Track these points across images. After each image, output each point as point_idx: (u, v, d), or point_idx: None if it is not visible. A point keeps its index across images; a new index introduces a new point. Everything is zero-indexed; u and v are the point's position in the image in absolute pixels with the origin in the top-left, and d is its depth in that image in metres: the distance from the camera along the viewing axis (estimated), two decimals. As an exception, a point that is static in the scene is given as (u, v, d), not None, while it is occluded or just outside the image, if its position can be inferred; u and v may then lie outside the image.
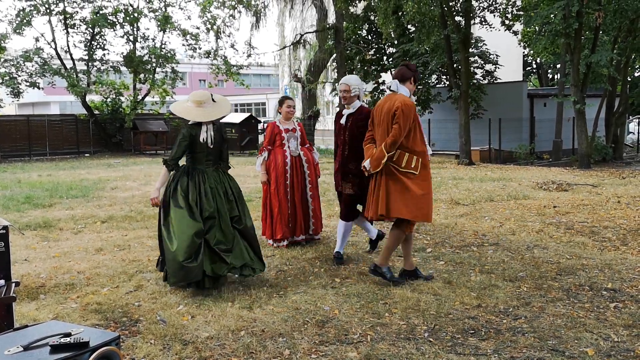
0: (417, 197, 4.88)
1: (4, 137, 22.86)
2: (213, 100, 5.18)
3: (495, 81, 22.08)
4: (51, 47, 24.00)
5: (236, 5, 24.23)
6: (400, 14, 19.77)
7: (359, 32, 24.53)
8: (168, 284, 5.01)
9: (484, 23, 19.81)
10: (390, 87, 5.09)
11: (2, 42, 22.13)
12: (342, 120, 5.79)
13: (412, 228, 5.12)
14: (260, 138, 24.56)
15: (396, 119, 4.86)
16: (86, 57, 24.35)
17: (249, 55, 25.08)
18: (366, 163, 5.03)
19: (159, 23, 24.66)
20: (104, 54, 24.77)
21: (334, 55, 23.55)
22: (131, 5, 24.48)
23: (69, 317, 4.36)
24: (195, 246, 4.80)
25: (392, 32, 20.54)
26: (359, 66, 24.48)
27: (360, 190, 5.65)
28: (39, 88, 24.21)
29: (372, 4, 21.53)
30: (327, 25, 23.34)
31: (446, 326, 4.09)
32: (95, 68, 24.58)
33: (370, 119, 5.25)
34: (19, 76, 23.21)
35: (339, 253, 5.93)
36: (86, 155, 24.11)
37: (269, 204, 6.59)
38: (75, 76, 23.37)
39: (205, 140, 5.06)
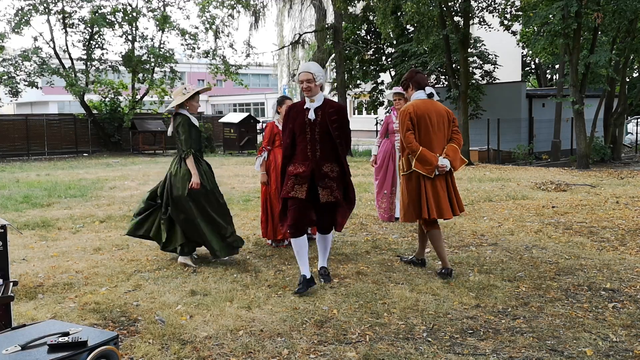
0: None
1: (2, 137, 22.85)
2: (183, 94, 5.88)
3: (494, 81, 22.08)
4: (50, 46, 23.99)
5: (235, 5, 24.24)
6: (399, 14, 19.77)
7: (357, 32, 24.54)
8: None
9: (482, 23, 19.80)
10: (431, 94, 5.34)
11: (1, 41, 22.10)
12: (310, 115, 4.95)
13: None
14: (259, 138, 24.55)
15: (455, 124, 5.43)
16: (85, 57, 24.33)
17: (247, 55, 25.09)
18: (446, 162, 5.21)
19: (157, 23, 24.65)
20: (102, 54, 24.76)
21: (333, 55, 23.56)
22: (130, 5, 24.47)
23: (67, 316, 4.35)
24: (140, 209, 6.05)
25: (391, 32, 20.55)
26: (357, 66, 24.48)
27: (341, 196, 5.04)
28: (37, 87, 24.18)
29: (371, 4, 21.53)
30: (326, 25, 23.34)
31: (445, 326, 4.09)
32: (93, 67, 24.55)
33: (411, 121, 5.17)
34: (18, 75, 23.19)
35: (324, 268, 5.24)
36: (85, 154, 24.09)
37: (269, 205, 6.54)
38: (73, 76, 23.35)
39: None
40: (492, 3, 19.52)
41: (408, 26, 21.39)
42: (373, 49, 24.88)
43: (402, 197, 5.47)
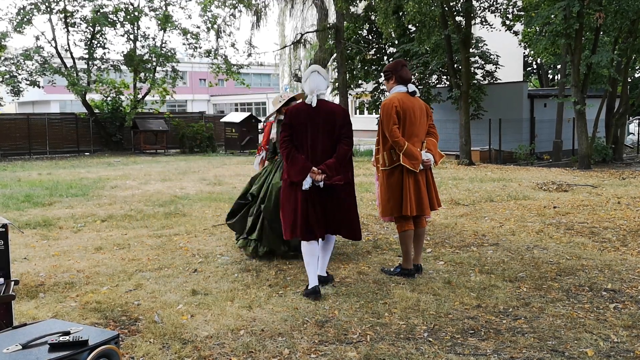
0: None
1: (4, 136, 22.87)
2: (279, 101, 6.14)
3: (495, 81, 22.05)
4: (51, 45, 24.01)
5: (237, 5, 24.23)
6: (400, 13, 19.74)
7: (359, 31, 24.51)
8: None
9: (484, 23, 19.77)
10: (414, 92, 5.29)
11: (3, 40, 22.12)
12: None
13: None
14: (260, 137, 24.54)
15: (432, 119, 5.42)
16: (86, 56, 24.34)
17: (249, 55, 25.08)
18: (430, 157, 5.22)
19: (159, 22, 24.64)
20: (104, 53, 24.76)
21: (335, 55, 23.54)
22: (132, 4, 24.48)
23: (68, 315, 4.35)
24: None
25: (392, 32, 20.50)
26: (359, 66, 24.47)
27: None
28: (39, 87, 24.19)
29: (373, 3, 21.51)
30: (328, 25, 23.33)
31: (446, 326, 4.08)
32: (95, 67, 24.56)
33: (397, 114, 5.10)
34: (19, 75, 23.21)
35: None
36: (86, 154, 24.10)
37: None
38: (75, 75, 23.36)
39: None
40: (494, 3, 19.49)
41: (410, 26, 21.36)
42: (374, 49, 24.85)
43: (380, 192, 5.31)
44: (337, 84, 23.30)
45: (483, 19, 19.76)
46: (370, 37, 24.76)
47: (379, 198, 5.38)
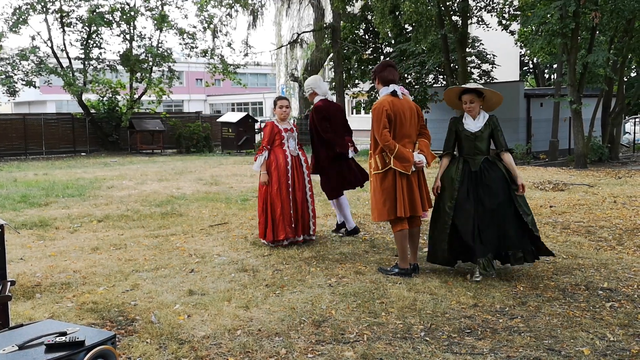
0: None
1: (0, 136, 22.81)
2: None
3: (492, 81, 22.08)
4: (47, 45, 23.94)
5: (233, 4, 24.21)
6: (397, 13, 19.76)
7: (356, 31, 24.52)
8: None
9: (481, 23, 19.81)
10: (394, 92, 5.26)
11: (-1, 40, 22.07)
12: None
13: None
14: (257, 137, 24.53)
15: (423, 119, 5.46)
16: (82, 56, 24.28)
17: (245, 55, 25.07)
18: (422, 158, 5.25)
19: (155, 22, 24.61)
20: (100, 53, 24.71)
21: (331, 54, 23.56)
22: (128, 4, 24.43)
23: (65, 316, 4.35)
24: None
25: (389, 32, 20.53)
26: (356, 65, 24.48)
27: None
28: (35, 87, 24.13)
29: (369, 3, 21.53)
30: (324, 25, 23.35)
31: (442, 325, 4.09)
32: (91, 67, 24.51)
33: (388, 117, 5.12)
34: (15, 75, 23.14)
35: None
36: (82, 154, 24.06)
37: (270, 205, 6.49)
38: (71, 75, 23.29)
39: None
40: (491, 2, 19.53)
41: (406, 25, 21.38)
42: (371, 49, 24.85)
43: (374, 196, 5.31)
44: (333, 83, 23.32)
45: (479, 19, 19.79)
46: (367, 37, 24.77)
47: (373, 202, 5.37)
